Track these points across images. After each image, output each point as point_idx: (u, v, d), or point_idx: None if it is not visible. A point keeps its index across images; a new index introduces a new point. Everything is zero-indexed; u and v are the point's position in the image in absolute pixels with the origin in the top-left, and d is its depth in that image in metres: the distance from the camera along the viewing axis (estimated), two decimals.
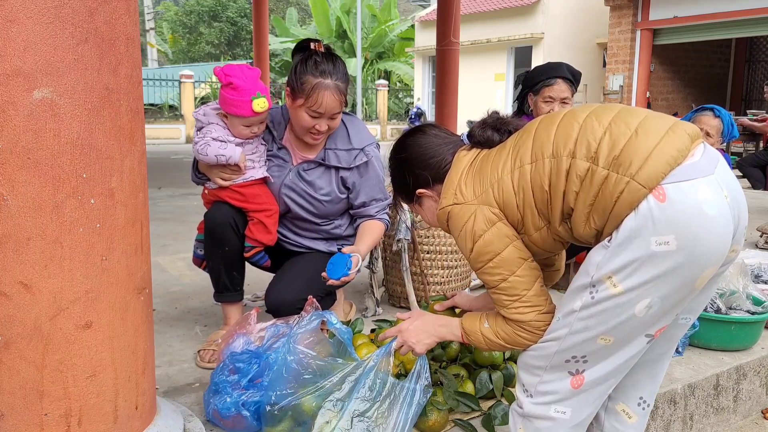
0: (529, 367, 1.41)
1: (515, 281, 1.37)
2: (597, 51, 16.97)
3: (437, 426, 1.67)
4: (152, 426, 1.45)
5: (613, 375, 1.35)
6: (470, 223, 1.38)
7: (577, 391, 1.35)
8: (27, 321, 1.20)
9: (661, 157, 1.20)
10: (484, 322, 1.47)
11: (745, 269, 2.53)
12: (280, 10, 30.82)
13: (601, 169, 1.24)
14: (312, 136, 2.13)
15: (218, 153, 2.08)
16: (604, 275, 1.24)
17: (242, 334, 1.83)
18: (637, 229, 1.20)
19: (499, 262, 1.37)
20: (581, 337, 1.30)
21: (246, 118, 2.08)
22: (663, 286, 1.21)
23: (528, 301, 1.38)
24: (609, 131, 1.26)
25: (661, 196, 1.18)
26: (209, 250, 2.19)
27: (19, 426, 1.24)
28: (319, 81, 2.02)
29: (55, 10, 1.14)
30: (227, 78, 2.06)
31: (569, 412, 1.37)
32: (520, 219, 1.37)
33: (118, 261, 1.29)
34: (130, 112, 1.29)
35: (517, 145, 1.40)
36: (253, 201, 2.17)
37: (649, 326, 1.28)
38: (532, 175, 1.33)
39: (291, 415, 1.56)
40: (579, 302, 1.29)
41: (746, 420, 2.35)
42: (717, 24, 12.56)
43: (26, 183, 1.16)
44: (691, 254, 1.18)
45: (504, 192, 1.37)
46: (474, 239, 1.38)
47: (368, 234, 2.23)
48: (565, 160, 1.28)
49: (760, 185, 6.96)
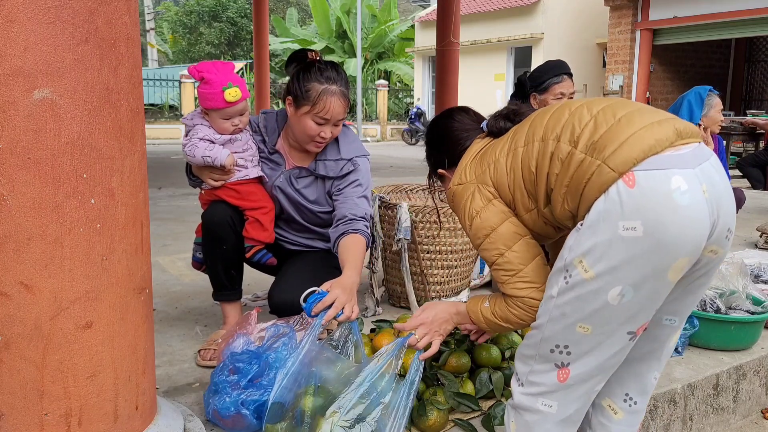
0: (522, 356, 1.45)
1: (512, 256, 1.43)
2: (597, 51, 16.96)
3: (437, 426, 1.67)
4: (152, 426, 1.45)
5: (598, 372, 1.36)
6: (469, 200, 1.49)
7: (563, 384, 1.37)
8: (27, 321, 1.20)
9: (636, 144, 1.22)
10: (485, 302, 1.56)
11: (745, 269, 2.54)
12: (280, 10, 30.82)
13: (579, 153, 1.29)
14: (316, 144, 2.13)
15: (204, 154, 2.09)
16: (576, 258, 1.27)
17: (242, 334, 1.83)
18: (605, 212, 1.23)
19: (496, 237, 1.44)
20: (560, 325, 1.33)
21: (222, 110, 2.09)
22: (632, 273, 1.22)
23: (525, 277, 1.43)
24: (595, 118, 1.31)
25: (630, 181, 1.20)
26: (207, 249, 2.20)
27: (19, 426, 1.24)
28: (326, 87, 2.03)
29: (56, 11, 1.14)
30: (200, 74, 2.08)
31: (555, 406, 1.39)
32: (512, 199, 1.45)
33: (119, 261, 1.29)
34: (131, 112, 1.29)
35: (516, 131, 1.49)
36: (248, 198, 2.18)
37: (628, 320, 1.29)
38: (522, 156, 1.41)
39: (291, 414, 1.56)
40: (556, 288, 1.33)
41: (746, 420, 2.35)
42: (717, 24, 12.55)
43: (26, 183, 1.16)
44: (659, 242, 1.19)
45: (498, 172, 1.46)
46: (471, 216, 1.47)
47: (350, 257, 1.99)
48: (551, 143, 1.35)
49: (760, 185, 6.97)
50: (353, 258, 1.97)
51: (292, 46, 24.35)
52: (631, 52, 13.92)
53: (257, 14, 10.95)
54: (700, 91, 3.82)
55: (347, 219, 2.11)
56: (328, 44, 24.52)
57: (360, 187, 2.19)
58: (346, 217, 2.11)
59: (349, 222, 2.10)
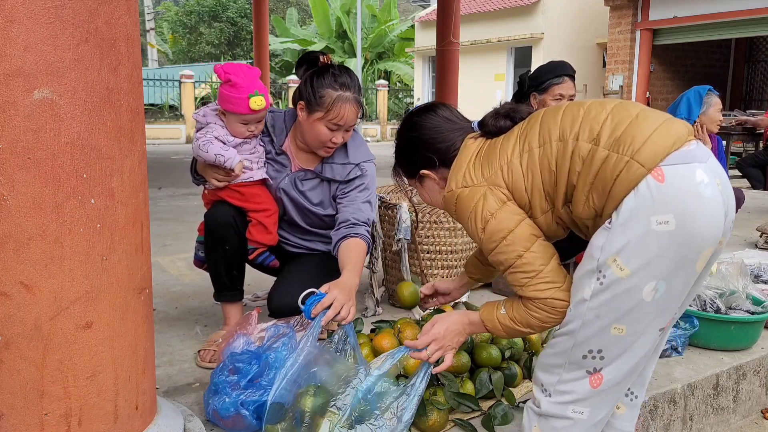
0: (547, 366, 1.42)
1: (531, 257, 1.38)
2: (597, 51, 16.95)
3: (437, 426, 1.67)
4: (152, 426, 1.45)
5: (630, 373, 1.37)
6: (480, 203, 1.41)
7: (596, 390, 1.36)
8: (27, 321, 1.20)
9: (661, 140, 1.25)
10: (501, 309, 1.48)
11: (745, 269, 2.54)
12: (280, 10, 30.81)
13: (602, 150, 1.29)
14: (326, 149, 2.13)
15: (218, 153, 2.08)
16: (609, 257, 1.27)
17: (242, 335, 1.83)
18: (636, 208, 1.24)
19: (513, 239, 1.38)
20: (595, 328, 1.32)
21: (243, 115, 2.09)
22: (665, 267, 1.25)
23: (546, 277, 1.38)
24: (612, 115, 1.32)
25: (659, 176, 1.23)
26: (209, 249, 2.20)
27: (19, 426, 1.24)
28: (340, 94, 2.03)
29: (56, 11, 1.14)
30: (226, 75, 2.07)
31: (587, 413, 1.38)
32: (528, 203, 1.40)
33: (119, 261, 1.29)
34: (131, 112, 1.29)
35: (525, 131, 1.44)
36: (252, 200, 2.18)
37: (659, 315, 1.30)
38: (540, 158, 1.37)
39: (291, 414, 1.56)
40: (588, 290, 1.31)
41: (746, 420, 2.35)
42: (717, 24, 12.55)
43: (26, 183, 1.16)
44: (689, 234, 1.23)
45: (513, 174, 1.40)
46: (485, 219, 1.40)
47: (350, 259, 1.99)
48: (570, 142, 1.33)
49: (760, 185, 6.97)
50: (353, 261, 1.97)
51: (292, 46, 24.35)
52: (631, 52, 13.92)
53: (257, 14, 10.95)
54: (699, 89, 3.82)
55: (350, 223, 2.11)
56: (328, 44, 24.49)
57: (365, 192, 2.20)
58: (348, 221, 2.12)
59: (351, 226, 2.10)
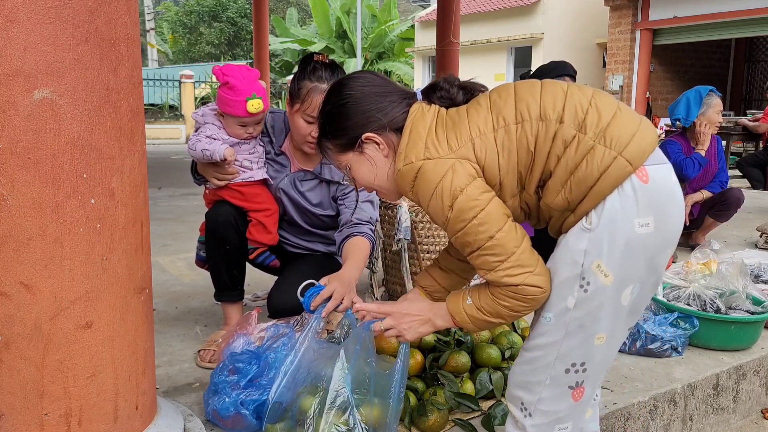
0: (524, 384, 1.33)
1: (503, 238, 1.23)
2: (597, 51, 16.95)
3: (437, 426, 1.67)
4: (152, 426, 1.45)
5: (602, 378, 1.37)
6: (448, 178, 1.24)
7: (577, 403, 1.33)
8: (27, 321, 1.20)
9: (645, 137, 1.22)
10: (467, 299, 1.34)
11: (745, 269, 2.54)
12: (280, 10, 30.81)
13: (589, 140, 1.20)
14: (308, 145, 2.12)
15: (204, 148, 2.08)
16: (593, 263, 1.21)
17: (242, 334, 1.83)
18: (621, 209, 1.20)
19: (484, 217, 1.23)
20: (578, 339, 1.26)
21: (240, 118, 2.09)
22: (641, 269, 1.23)
23: (518, 261, 1.23)
24: (595, 104, 1.24)
25: (644, 176, 1.20)
26: (210, 249, 2.20)
27: (19, 426, 1.24)
28: (315, 85, 2.02)
29: (56, 11, 1.14)
30: (224, 77, 2.07)
31: (571, 426, 1.36)
32: (498, 183, 1.27)
33: (119, 261, 1.29)
34: (131, 112, 1.29)
35: (497, 104, 1.30)
36: (252, 200, 2.18)
37: (631, 316, 1.29)
38: (518, 135, 1.25)
39: (291, 414, 1.56)
40: (572, 299, 1.24)
41: (746, 420, 2.35)
42: (717, 24, 12.55)
43: (26, 183, 1.16)
44: (664, 237, 1.22)
45: (487, 149, 1.26)
46: (453, 195, 1.23)
47: (352, 255, 2.01)
48: (553, 123, 1.23)
49: (759, 185, 6.97)
50: (354, 256, 1.98)
51: (292, 46, 24.34)
52: (631, 52, 13.92)
53: (257, 14, 10.94)
54: (701, 90, 3.81)
55: (353, 223, 2.12)
56: (328, 44, 24.49)
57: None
58: (351, 222, 2.13)
59: (354, 225, 2.11)
